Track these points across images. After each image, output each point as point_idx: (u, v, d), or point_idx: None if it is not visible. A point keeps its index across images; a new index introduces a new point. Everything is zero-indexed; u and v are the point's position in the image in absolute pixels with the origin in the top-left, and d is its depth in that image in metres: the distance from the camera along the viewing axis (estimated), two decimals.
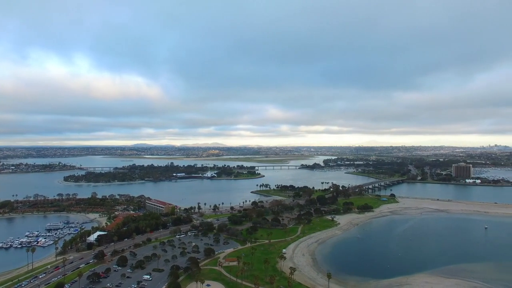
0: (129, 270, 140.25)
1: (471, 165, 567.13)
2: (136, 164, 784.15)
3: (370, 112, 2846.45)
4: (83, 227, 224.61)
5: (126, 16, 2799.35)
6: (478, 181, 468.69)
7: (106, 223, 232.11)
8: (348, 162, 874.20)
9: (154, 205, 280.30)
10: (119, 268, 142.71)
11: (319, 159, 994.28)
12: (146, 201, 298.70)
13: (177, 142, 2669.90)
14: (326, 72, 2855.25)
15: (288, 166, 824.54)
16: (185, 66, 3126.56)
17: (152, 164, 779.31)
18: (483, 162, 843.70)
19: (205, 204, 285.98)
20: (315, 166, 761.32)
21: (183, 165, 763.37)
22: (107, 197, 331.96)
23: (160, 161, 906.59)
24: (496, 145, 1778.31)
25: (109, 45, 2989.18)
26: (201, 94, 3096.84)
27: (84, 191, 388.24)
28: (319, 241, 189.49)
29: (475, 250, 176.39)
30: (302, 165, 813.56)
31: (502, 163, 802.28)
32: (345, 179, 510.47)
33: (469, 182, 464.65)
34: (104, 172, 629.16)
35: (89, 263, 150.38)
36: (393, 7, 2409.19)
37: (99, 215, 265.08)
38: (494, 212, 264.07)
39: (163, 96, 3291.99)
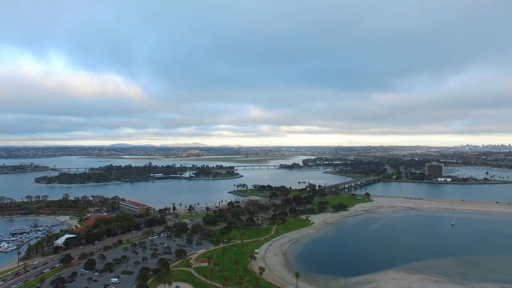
0: (96, 274, 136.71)
1: (442, 164, 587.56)
2: (114, 165, 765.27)
3: (349, 112, 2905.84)
4: (52, 230, 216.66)
5: (104, 14, 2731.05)
6: (449, 179, 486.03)
7: (76, 225, 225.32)
8: (327, 162, 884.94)
9: (128, 206, 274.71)
10: (87, 271, 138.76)
11: (299, 159, 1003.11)
12: (120, 202, 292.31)
13: (157, 142, 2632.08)
14: (306, 73, 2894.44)
15: (267, 166, 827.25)
16: (165, 66, 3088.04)
17: (130, 165, 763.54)
18: (454, 161, 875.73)
19: (180, 204, 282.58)
20: (294, 166, 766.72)
21: (162, 166, 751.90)
22: (80, 198, 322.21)
23: (139, 161, 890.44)
24: (467, 145, 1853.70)
25: (86, 43, 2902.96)
26: (182, 93, 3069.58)
27: (57, 192, 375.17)
28: (292, 240, 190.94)
29: (441, 246, 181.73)
30: (281, 165, 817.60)
31: (472, 162, 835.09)
32: (323, 178, 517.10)
33: (441, 181, 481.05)
34: (79, 173, 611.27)
35: (54, 267, 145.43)
36: (371, 11, 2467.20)
37: (70, 217, 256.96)
38: (461, 209, 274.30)
39: (143, 96, 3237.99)
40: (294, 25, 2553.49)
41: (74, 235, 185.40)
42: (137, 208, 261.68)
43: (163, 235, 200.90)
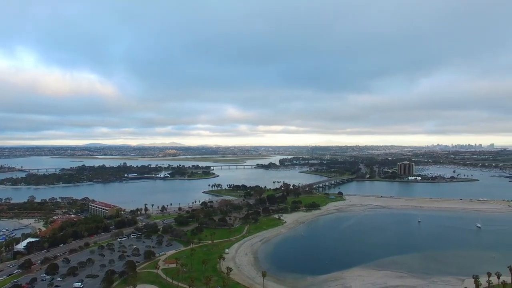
0: (59, 279, 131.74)
1: (413, 164, 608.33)
2: (86, 165, 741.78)
3: (326, 112, 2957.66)
4: (13, 234, 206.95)
5: (77, 10, 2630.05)
6: (419, 178, 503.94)
7: (39, 228, 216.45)
8: (303, 162, 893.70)
9: (98, 207, 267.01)
10: (48, 277, 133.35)
11: (276, 159, 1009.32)
12: (90, 203, 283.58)
13: (134, 142, 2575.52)
14: (283, 73, 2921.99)
15: (244, 165, 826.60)
16: (141, 65, 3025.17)
17: (103, 165, 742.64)
18: (425, 160, 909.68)
19: (152, 205, 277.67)
20: (270, 166, 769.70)
21: (137, 166, 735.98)
22: (47, 200, 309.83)
23: (113, 162, 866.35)
24: (438, 145, 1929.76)
25: (58, 39, 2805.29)
26: (159, 93, 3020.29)
27: (22, 194, 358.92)
28: (264, 240, 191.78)
29: (407, 242, 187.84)
30: (257, 164, 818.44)
31: (441, 161, 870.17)
32: (298, 178, 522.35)
33: (411, 179, 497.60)
34: (48, 173, 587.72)
35: (12, 274, 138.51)
36: (347, 14, 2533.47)
37: (35, 220, 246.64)
38: (428, 207, 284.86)
39: (119, 95, 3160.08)
40: (271, 26, 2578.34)
41: (37, 239, 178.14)
42: (107, 210, 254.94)
43: (132, 236, 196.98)
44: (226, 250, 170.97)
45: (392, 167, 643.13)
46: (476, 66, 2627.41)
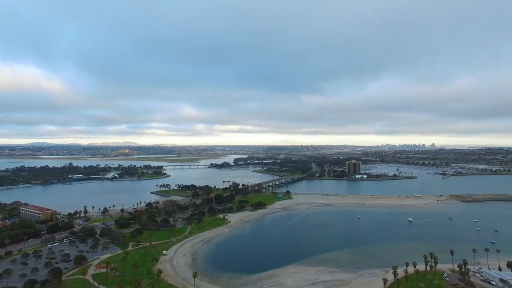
0: None
1: (360, 162, 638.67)
2: (26, 166, 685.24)
3: (282, 112, 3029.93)
4: None
5: (17, 1, 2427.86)
6: (365, 176, 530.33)
7: None
8: (258, 161, 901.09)
9: (30, 211, 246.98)
10: None
11: (231, 158, 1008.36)
12: (21, 207, 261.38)
13: (84, 141, 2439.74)
14: (238, 74, 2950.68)
15: (198, 165, 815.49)
16: (91, 60, 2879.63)
17: (46, 165, 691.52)
18: (374, 159, 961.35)
19: (93, 207, 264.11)
20: (224, 165, 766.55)
21: (84, 166, 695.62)
22: None
23: (59, 162, 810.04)
24: (387, 144, 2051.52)
25: None
26: (111, 90, 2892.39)
27: None
28: (205, 240, 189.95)
29: (344, 239, 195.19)
30: (211, 164, 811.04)
31: (388, 160, 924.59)
32: (250, 177, 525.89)
33: (358, 178, 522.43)
34: None
35: None
36: (296, 18, 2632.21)
37: None
38: (369, 203, 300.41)
39: (67, 91, 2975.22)
40: (225, 26, 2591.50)
41: None
42: (40, 214, 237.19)
43: (66, 241, 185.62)
44: (165, 251, 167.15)
45: (342, 166, 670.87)
46: (415, 72, 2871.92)
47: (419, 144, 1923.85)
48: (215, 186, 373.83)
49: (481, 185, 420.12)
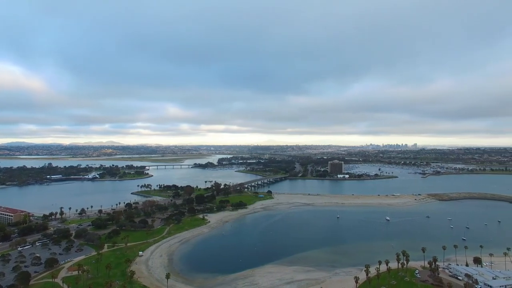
0: None
1: (342, 162, 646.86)
2: (2, 166, 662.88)
3: (267, 112, 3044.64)
4: None
5: None
6: (347, 176, 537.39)
7: None
8: (242, 161, 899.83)
9: (1, 213, 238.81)
10: None
11: (215, 158, 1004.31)
12: None
13: (66, 141, 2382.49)
14: (223, 74, 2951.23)
15: (181, 165, 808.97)
16: (73, 59, 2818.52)
17: (24, 166, 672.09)
18: (357, 159, 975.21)
19: (70, 208, 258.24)
20: (207, 165, 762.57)
21: (64, 166, 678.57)
22: None
23: (38, 162, 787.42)
24: (371, 144, 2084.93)
25: None
26: (94, 89, 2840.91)
27: None
28: (183, 240, 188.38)
29: (322, 238, 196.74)
30: (195, 164, 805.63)
31: (370, 160, 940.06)
32: (234, 177, 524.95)
33: (340, 177, 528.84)
34: None
35: None
36: (279, 19, 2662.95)
37: None
38: (348, 203, 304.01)
39: (47, 90, 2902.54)
40: (208, 26, 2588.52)
41: None
42: (12, 216, 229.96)
43: (38, 243, 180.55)
44: (141, 252, 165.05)
45: (325, 166, 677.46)
46: (396, 74, 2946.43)
47: (402, 144, 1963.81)
48: (197, 186, 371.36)
49: (457, 184, 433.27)
